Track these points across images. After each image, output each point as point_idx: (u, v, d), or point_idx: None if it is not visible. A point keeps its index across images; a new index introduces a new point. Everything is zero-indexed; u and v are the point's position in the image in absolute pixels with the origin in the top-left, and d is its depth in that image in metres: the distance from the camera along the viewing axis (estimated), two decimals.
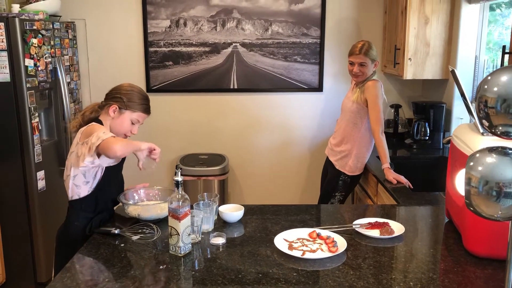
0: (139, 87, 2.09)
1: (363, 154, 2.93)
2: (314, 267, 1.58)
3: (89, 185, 1.94)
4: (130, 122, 2.02)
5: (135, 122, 2.04)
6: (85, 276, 1.58)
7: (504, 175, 1.06)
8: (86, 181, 1.93)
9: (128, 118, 2.01)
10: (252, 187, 4.08)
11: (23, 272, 3.19)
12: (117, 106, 1.98)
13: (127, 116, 2.01)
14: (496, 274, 1.52)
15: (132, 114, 2.01)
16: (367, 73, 2.84)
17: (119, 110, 1.99)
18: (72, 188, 1.94)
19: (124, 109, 1.99)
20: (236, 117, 3.95)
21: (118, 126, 2.00)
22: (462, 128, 1.83)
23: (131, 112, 2.01)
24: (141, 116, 2.05)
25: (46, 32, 3.17)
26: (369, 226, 1.87)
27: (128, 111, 2.00)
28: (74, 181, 1.92)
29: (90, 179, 1.93)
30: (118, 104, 1.98)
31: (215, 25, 3.80)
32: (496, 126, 1.09)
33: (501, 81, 1.07)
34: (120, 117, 2.00)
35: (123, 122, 2.01)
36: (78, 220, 1.94)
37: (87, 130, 1.90)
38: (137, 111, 2.02)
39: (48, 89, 3.24)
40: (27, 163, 3.05)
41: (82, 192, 1.94)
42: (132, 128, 2.04)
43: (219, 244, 1.77)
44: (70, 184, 1.93)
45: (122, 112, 2.00)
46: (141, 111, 2.04)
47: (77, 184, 1.93)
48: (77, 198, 1.94)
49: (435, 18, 3.19)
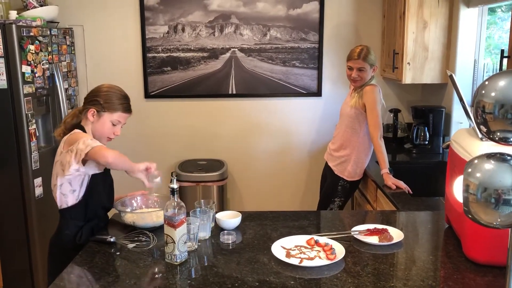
0: (118, 86, 2.04)
1: (362, 159, 2.91)
2: (312, 275, 1.56)
3: (76, 193, 1.91)
4: (110, 124, 1.97)
5: (116, 123, 1.99)
6: (80, 285, 1.56)
7: (503, 182, 1.04)
8: (72, 189, 1.90)
9: (108, 120, 1.97)
10: (251, 192, 4.06)
11: (20, 279, 3.17)
12: (94, 109, 1.94)
13: (107, 118, 1.96)
14: (496, 281, 1.50)
15: (112, 116, 1.97)
16: (365, 78, 2.83)
17: (98, 113, 1.95)
18: (60, 197, 1.92)
19: (103, 112, 1.95)
20: (235, 123, 3.93)
21: (99, 129, 1.97)
22: (461, 133, 1.81)
23: (110, 114, 1.96)
24: (121, 116, 1.99)
25: (44, 38, 3.16)
26: (367, 233, 1.85)
27: (107, 113, 1.96)
28: (61, 190, 1.90)
29: (77, 187, 1.91)
30: (96, 108, 1.94)
31: (213, 30, 3.79)
32: (494, 132, 1.07)
33: (499, 86, 1.05)
34: (99, 120, 1.96)
35: (104, 125, 1.97)
36: (69, 229, 1.92)
37: (70, 138, 1.88)
38: (116, 111, 1.97)
39: (45, 96, 3.22)
40: (24, 170, 3.03)
41: (69, 201, 1.92)
42: (114, 130, 2.00)
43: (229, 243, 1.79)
44: (57, 194, 1.91)
45: (101, 115, 1.96)
46: (121, 111, 1.98)
47: (64, 193, 1.90)
48: (65, 206, 1.92)
49: (434, 22, 3.18)
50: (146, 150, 3.93)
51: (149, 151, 3.94)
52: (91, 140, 1.83)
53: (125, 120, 2.03)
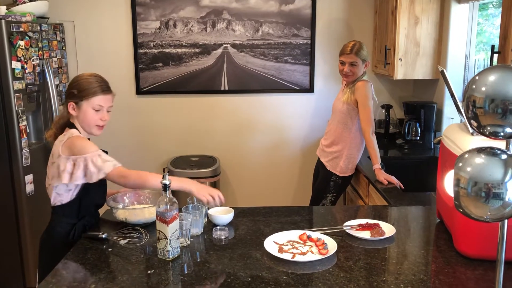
0: (89, 72, 1.98)
1: (354, 155, 2.92)
2: (304, 270, 1.56)
3: (71, 192, 1.90)
4: (93, 111, 1.91)
5: (98, 108, 1.92)
6: (71, 281, 1.54)
7: (493, 176, 1.04)
8: (68, 189, 1.89)
9: (89, 107, 1.90)
10: (244, 188, 4.06)
11: (12, 277, 3.15)
12: (72, 102, 1.90)
13: (86, 106, 1.90)
14: (487, 275, 1.51)
15: (90, 102, 1.90)
16: (357, 73, 2.84)
17: (77, 105, 1.90)
18: (54, 196, 1.90)
19: (80, 101, 1.90)
20: (227, 119, 3.93)
21: (84, 119, 1.92)
22: (452, 128, 1.82)
23: (88, 101, 1.90)
24: (101, 99, 1.91)
25: (34, 34, 3.13)
26: (359, 228, 1.86)
27: (85, 101, 1.90)
28: (56, 190, 1.88)
29: (72, 187, 1.89)
30: (73, 100, 1.90)
31: (205, 26, 3.78)
32: (484, 126, 1.08)
33: (489, 81, 1.06)
34: (81, 111, 1.91)
35: (86, 114, 1.91)
36: (61, 226, 1.91)
37: (70, 142, 1.84)
38: (93, 96, 1.90)
39: (36, 92, 3.20)
40: (15, 167, 3.01)
41: (64, 199, 1.90)
42: (100, 116, 1.93)
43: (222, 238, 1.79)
44: (52, 193, 1.89)
45: (80, 105, 1.90)
46: (98, 94, 1.90)
47: (59, 193, 1.89)
48: (59, 204, 1.91)
49: (425, 18, 3.19)
50: (138, 147, 3.92)
51: (141, 148, 3.93)
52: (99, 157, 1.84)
53: (108, 103, 1.95)
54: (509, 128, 1.05)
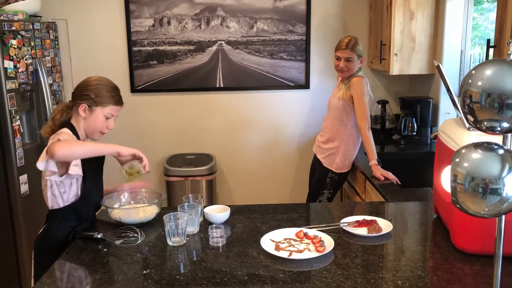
0: (107, 78, 1.97)
1: (350, 151, 2.91)
2: (301, 268, 1.55)
3: (66, 195, 1.86)
4: (104, 118, 1.91)
5: (109, 116, 1.92)
6: (66, 282, 1.53)
7: (490, 171, 1.03)
8: (63, 191, 1.86)
9: (101, 114, 1.90)
10: (241, 186, 4.05)
11: (7, 278, 3.12)
12: (86, 105, 1.87)
13: (99, 112, 1.90)
14: (484, 270, 1.51)
15: (104, 110, 1.90)
16: (353, 69, 2.82)
17: (89, 108, 1.88)
18: (51, 198, 1.86)
19: (94, 106, 1.88)
20: (223, 116, 3.91)
21: (93, 124, 1.91)
22: (449, 123, 1.81)
23: (102, 108, 1.90)
24: (114, 109, 1.93)
25: (26, 33, 3.10)
26: (356, 224, 1.85)
27: (99, 107, 1.89)
28: (51, 191, 1.85)
29: (66, 189, 1.86)
30: (87, 102, 1.87)
31: (199, 23, 3.75)
32: (481, 121, 1.06)
33: (485, 75, 1.05)
34: (92, 116, 1.90)
35: (97, 119, 1.90)
36: (61, 229, 1.87)
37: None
38: (108, 105, 1.91)
39: (29, 91, 3.17)
40: (9, 167, 2.98)
41: (61, 202, 1.87)
42: (107, 124, 1.94)
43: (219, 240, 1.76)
44: (48, 194, 1.85)
45: (93, 109, 1.89)
46: (113, 104, 1.92)
47: (55, 194, 1.85)
48: (57, 207, 1.87)
49: (420, 13, 3.17)
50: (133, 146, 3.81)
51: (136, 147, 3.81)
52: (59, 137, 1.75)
53: (117, 113, 1.96)
54: (506, 122, 1.04)
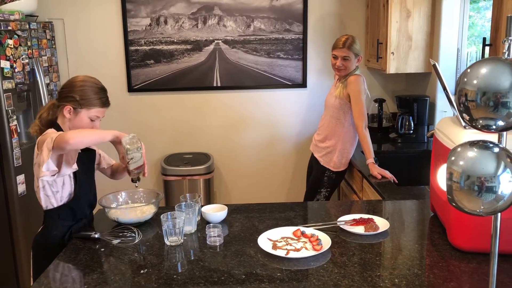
0: (94, 78, 1.93)
1: (347, 149, 2.92)
2: (299, 266, 1.56)
3: (59, 194, 1.86)
4: (89, 120, 1.89)
5: (94, 118, 1.90)
6: (64, 282, 1.53)
7: (486, 169, 1.04)
8: (55, 190, 1.85)
9: (86, 116, 1.88)
10: (238, 185, 4.05)
11: (5, 278, 3.12)
12: (70, 106, 1.85)
13: (84, 114, 1.87)
14: (481, 268, 1.51)
15: (89, 112, 1.88)
16: (350, 68, 2.83)
17: (74, 110, 1.86)
18: (44, 199, 1.85)
19: (79, 108, 1.86)
20: (220, 115, 3.91)
21: (78, 126, 1.88)
22: (445, 122, 1.81)
23: (88, 110, 1.87)
24: (99, 111, 1.90)
25: (22, 32, 3.10)
26: (353, 223, 1.85)
27: (84, 109, 1.86)
28: (44, 192, 1.84)
29: (59, 188, 1.85)
30: (72, 104, 1.85)
31: (196, 22, 3.75)
32: (476, 120, 1.07)
33: (481, 74, 1.05)
34: (77, 117, 1.87)
35: (82, 121, 1.88)
36: (57, 229, 1.87)
37: (42, 139, 1.78)
38: (93, 107, 1.87)
39: (26, 91, 3.16)
40: (6, 167, 2.97)
41: (55, 202, 1.86)
42: (93, 125, 1.91)
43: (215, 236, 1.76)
44: (41, 195, 1.84)
45: (78, 111, 1.86)
46: (98, 106, 1.89)
47: (48, 195, 1.84)
48: (51, 207, 1.87)
49: (417, 11, 3.18)
50: None
51: None
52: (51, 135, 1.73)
53: (103, 114, 1.94)
54: (501, 121, 1.04)
